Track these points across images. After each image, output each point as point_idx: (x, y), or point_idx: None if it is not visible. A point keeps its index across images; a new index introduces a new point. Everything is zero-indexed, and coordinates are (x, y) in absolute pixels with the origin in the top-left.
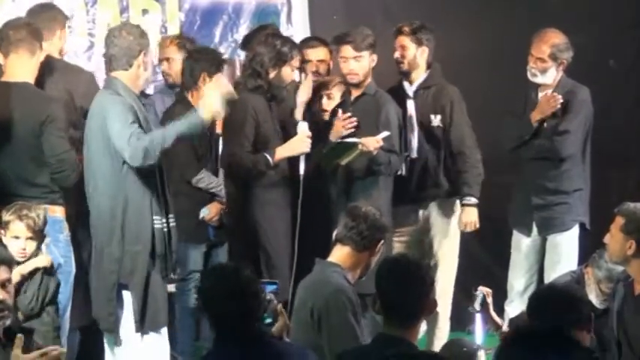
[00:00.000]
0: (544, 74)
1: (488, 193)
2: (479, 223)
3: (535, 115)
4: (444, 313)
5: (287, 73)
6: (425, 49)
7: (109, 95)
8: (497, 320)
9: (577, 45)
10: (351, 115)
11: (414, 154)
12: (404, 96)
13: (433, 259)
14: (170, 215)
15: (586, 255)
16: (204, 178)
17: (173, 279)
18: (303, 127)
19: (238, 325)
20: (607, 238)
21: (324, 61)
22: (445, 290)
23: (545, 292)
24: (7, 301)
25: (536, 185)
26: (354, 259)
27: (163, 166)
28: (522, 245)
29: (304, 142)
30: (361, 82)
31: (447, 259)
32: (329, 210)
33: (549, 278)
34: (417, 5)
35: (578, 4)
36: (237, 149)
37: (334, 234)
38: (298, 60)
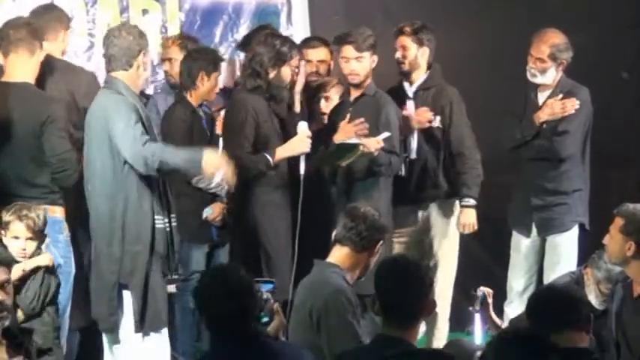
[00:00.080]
0: (543, 74)
1: (488, 193)
2: (478, 224)
3: (541, 116)
4: (444, 314)
5: (286, 73)
6: (426, 50)
7: (111, 95)
8: (497, 321)
9: (577, 45)
10: (351, 116)
11: (414, 155)
12: (404, 97)
13: (433, 259)
14: (172, 215)
15: (585, 256)
16: (204, 178)
17: (175, 279)
18: (303, 127)
19: (235, 325)
20: (606, 239)
21: (325, 62)
22: (444, 291)
23: (544, 292)
24: (6, 301)
25: (536, 186)
26: (353, 260)
27: None
28: (522, 246)
29: (304, 142)
30: (362, 82)
31: (446, 259)
32: (329, 210)
33: (549, 279)
34: (417, 5)
35: (578, 4)
36: (237, 150)
37: (333, 234)
38: (298, 60)
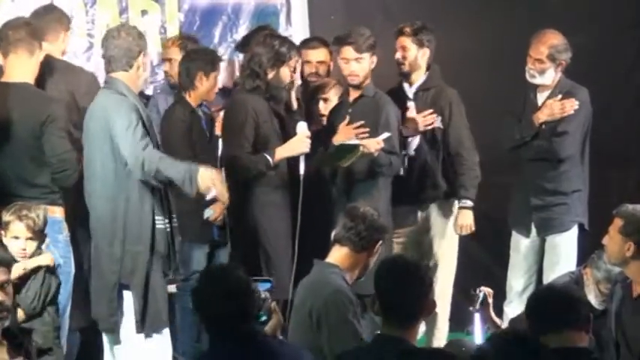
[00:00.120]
0: (542, 75)
1: (487, 193)
2: (477, 224)
3: (540, 116)
4: (443, 314)
5: (285, 73)
6: (426, 51)
7: (112, 95)
8: (497, 320)
9: (577, 45)
10: (350, 117)
11: (412, 152)
12: (404, 97)
13: (432, 259)
14: (173, 215)
15: (585, 256)
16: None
17: (175, 279)
18: (303, 128)
19: (233, 325)
20: (605, 240)
21: (324, 63)
22: (444, 291)
23: (544, 292)
24: (6, 302)
25: (535, 186)
26: (353, 260)
27: None
28: (521, 246)
29: (304, 143)
30: (361, 83)
31: (446, 259)
32: (329, 210)
33: (548, 279)
34: (416, 5)
35: (578, 4)
36: (236, 150)
37: (332, 234)
38: (296, 60)
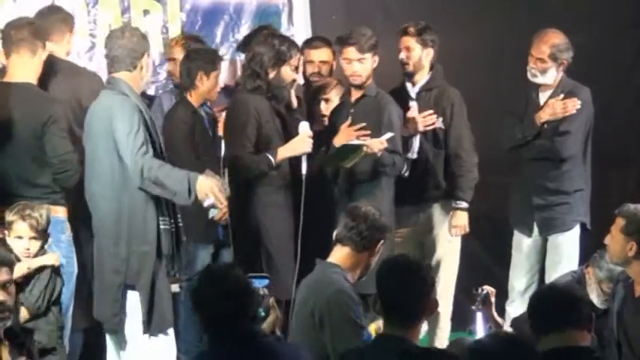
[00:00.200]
0: (544, 74)
1: (487, 193)
2: (475, 225)
3: (542, 116)
4: (445, 314)
5: (287, 72)
6: (430, 51)
7: (115, 95)
8: (499, 320)
9: (577, 45)
10: (353, 117)
11: (415, 155)
12: (406, 97)
13: (434, 259)
14: (178, 216)
15: (587, 255)
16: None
17: (179, 279)
18: (305, 127)
19: (233, 325)
20: (607, 239)
21: (327, 62)
22: (446, 290)
23: (546, 292)
24: (8, 302)
25: (537, 185)
26: (354, 260)
27: None
28: (523, 245)
29: (306, 142)
30: (363, 83)
31: (448, 259)
32: (331, 210)
33: (550, 278)
34: (417, 5)
35: (578, 4)
36: (238, 150)
37: (334, 234)
38: (298, 59)
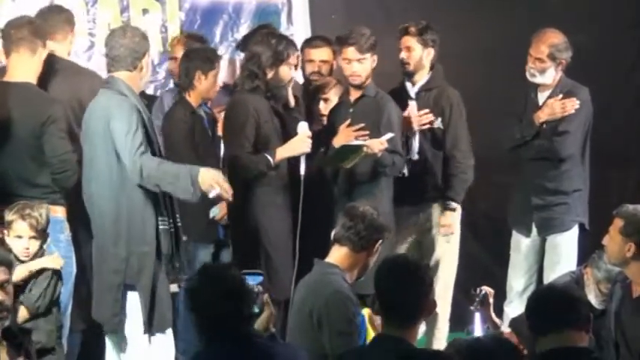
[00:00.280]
0: (543, 74)
1: (487, 192)
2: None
3: (541, 116)
4: (444, 314)
5: (285, 71)
6: (431, 51)
7: (114, 95)
8: (497, 321)
9: (577, 45)
10: (352, 117)
11: (415, 156)
12: (406, 97)
13: (433, 259)
14: (177, 216)
15: (585, 255)
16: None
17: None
18: (304, 127)
19: (229, 325)
20: (606, 240)
21: (327, 62)
22: (445, 291)
23: (544, 292)
24: (6, 302)
25: (536, 185)
26: (352, 260)
27: None
28: (522, 246)
29: (305, 143)
30: (363, 83)
31: (447, 259)
32: (330, 210)
33: (549, 279)
34: (416, 5)
35: (578, 4)
36: (237, 150)
37: (332, 234)
38: (296, 57)
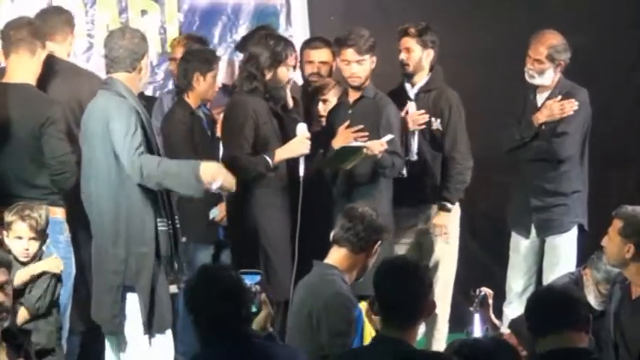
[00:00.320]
0: (542, 75)
1: (487, 192)
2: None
3: (540, 117)
4: (443, 315)
5: (283, 73)
6: (430, 52)
7: (112, 97)
8: (496, 322)
9: (576, 45)
10: (351, 118)
11: (414, 157)
12: (405, 98)
13: (432, 260)
14: (175, 217)
15: (584, 256)
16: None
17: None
18: (303, 129)
19: (228, 326)
20: (605, 241)
21: (327, 63)
22: (444, 292)
23: (543, 293)
24: (5, 303)
25: (535, 187)
26: (351, 261)
27: None
28: (521, 247)
29: (304, 144)
30: (362, 84)
31: (446, 260)
32: (329, 211)
33: (548, 280)
34: (415, 6)
35: (578, 4)
36: (236, 151)
37: (331, 235)
38: (294, 58)
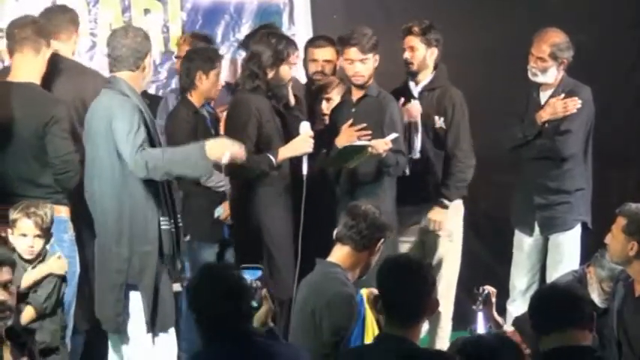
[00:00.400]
0: (545, 74)
1: (489, 191)
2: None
3: (543, 115)
4: (447, 313)
5: (285, 71)
6: (434, 50)
7: (115, 95)
8: (499, 320)
9: (577, 45)
10: (354, 117)
11: (417, 155)
12: (409, 96)
13: (436, 258)
14: (178, 216)
15: (588, 254)
16: (212, 177)
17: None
18: (306, 127)
19: (230, 325)
20: (608, 239)
21: (331, 62)
22: (448, 290)
23: (547, 291)
24: (9, 301)
25: (538, 185)
26: (354, 259)
27: None
28: (524, 245)
29: (307, 142)
30: (365, 83)
31: (449, 258)
32: (332, 210)
33: (551, 278)
34: (417, 4)
35: (579, 4)
36: None
37: (334, 233)
38: (296, 57)
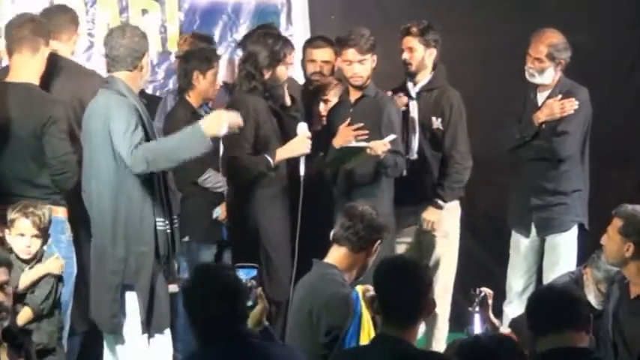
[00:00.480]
0: (542, 74)
1: (487, 192)
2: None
3: (540, 116)
4: (443, 314)
5: (282, 71)
6: (433, 51)
7: (113, 95)
8: (495, 321)
9: (576, 45)
10: (352, 117)
11: (414, 156)
12: (407, 97)
13: (433, 259)
14: (174, 217)
15: (585, 256)
16: (210, 178)
17: (178, 279)
18: (303, 128)
19: (226, 326)
20: (604, 240)
21: (329, 62)
22: (444, 291)
23: (544, 292)
24: (5, 302)
25: (535, 186)
26: (351, 260)
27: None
28: (521, 246)
29: (304, 143)
30: (363, 83)
31: (446, 259)
32: (330, 211)
33: (548, 279)
34: (414, 5)
35: (578, 4)
36: (237, 151)
37: (331, 234)
38: (292, 57)
